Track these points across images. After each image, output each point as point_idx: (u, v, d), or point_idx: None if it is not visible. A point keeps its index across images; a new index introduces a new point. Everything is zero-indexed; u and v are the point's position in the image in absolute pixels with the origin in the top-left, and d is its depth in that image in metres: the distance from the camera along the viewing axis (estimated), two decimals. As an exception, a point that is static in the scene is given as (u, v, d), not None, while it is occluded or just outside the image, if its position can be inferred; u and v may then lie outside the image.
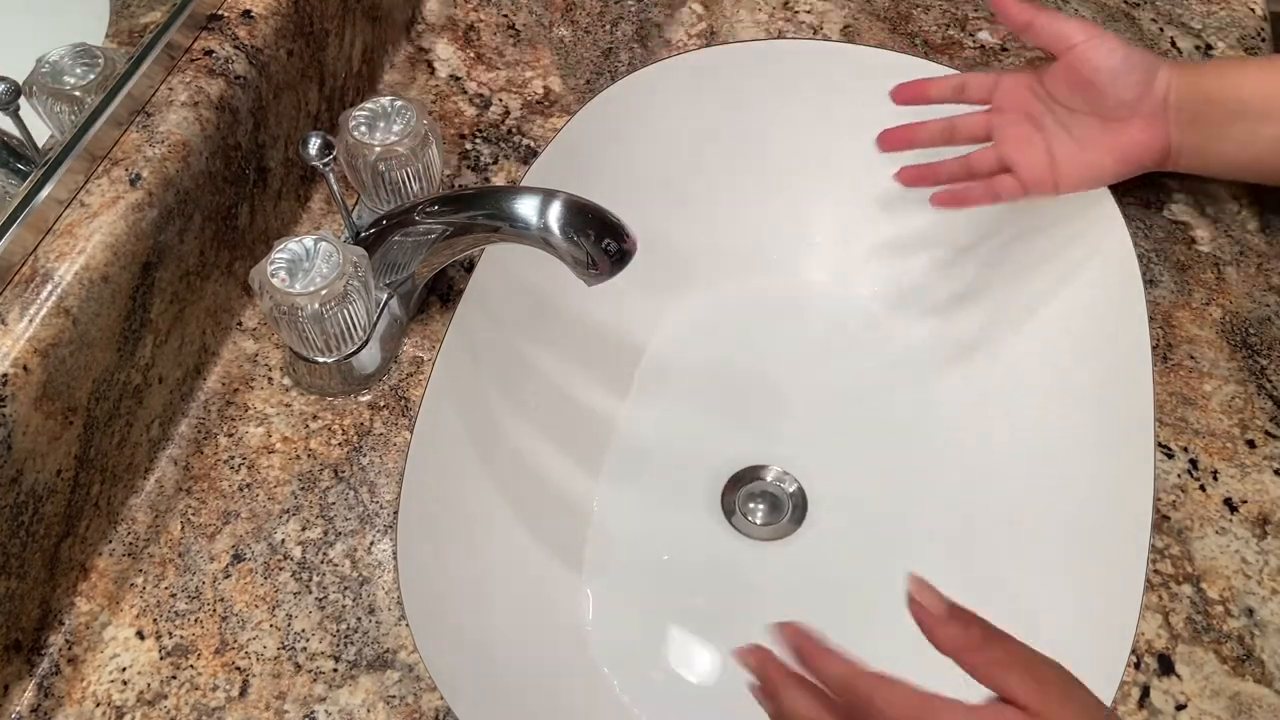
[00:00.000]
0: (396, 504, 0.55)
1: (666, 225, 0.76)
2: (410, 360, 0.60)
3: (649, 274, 0.65)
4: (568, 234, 0.51)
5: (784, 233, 0.81)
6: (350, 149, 0.59)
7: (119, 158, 0.52)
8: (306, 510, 0.54)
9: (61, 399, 0.47)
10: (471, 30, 0.77)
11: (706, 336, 0.79)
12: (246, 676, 0.49)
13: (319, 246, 0.54)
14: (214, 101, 0.55)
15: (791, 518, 0.71)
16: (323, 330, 0.54)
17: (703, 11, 0.79)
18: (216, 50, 0.57)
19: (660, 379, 0.77)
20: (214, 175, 0.55)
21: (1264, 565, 0.53)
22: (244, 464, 0.56)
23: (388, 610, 0.52)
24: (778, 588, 0.68)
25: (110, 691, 0.49)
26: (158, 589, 0.52)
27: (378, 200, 0.61)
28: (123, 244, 0.50)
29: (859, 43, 0.77)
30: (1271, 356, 0.60)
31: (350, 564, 0.53)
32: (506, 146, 0.71)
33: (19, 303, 0.46)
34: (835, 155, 0.79)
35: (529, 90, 0.74)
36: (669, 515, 0.71)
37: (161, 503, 0.54)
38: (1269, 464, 0.56)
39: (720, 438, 0.74)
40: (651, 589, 0.68)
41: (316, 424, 0.57)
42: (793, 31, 0.77)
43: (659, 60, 0.76)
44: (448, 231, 0.55)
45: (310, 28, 0.63)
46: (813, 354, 0.78)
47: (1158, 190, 0.68)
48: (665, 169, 0.78)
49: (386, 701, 0.49)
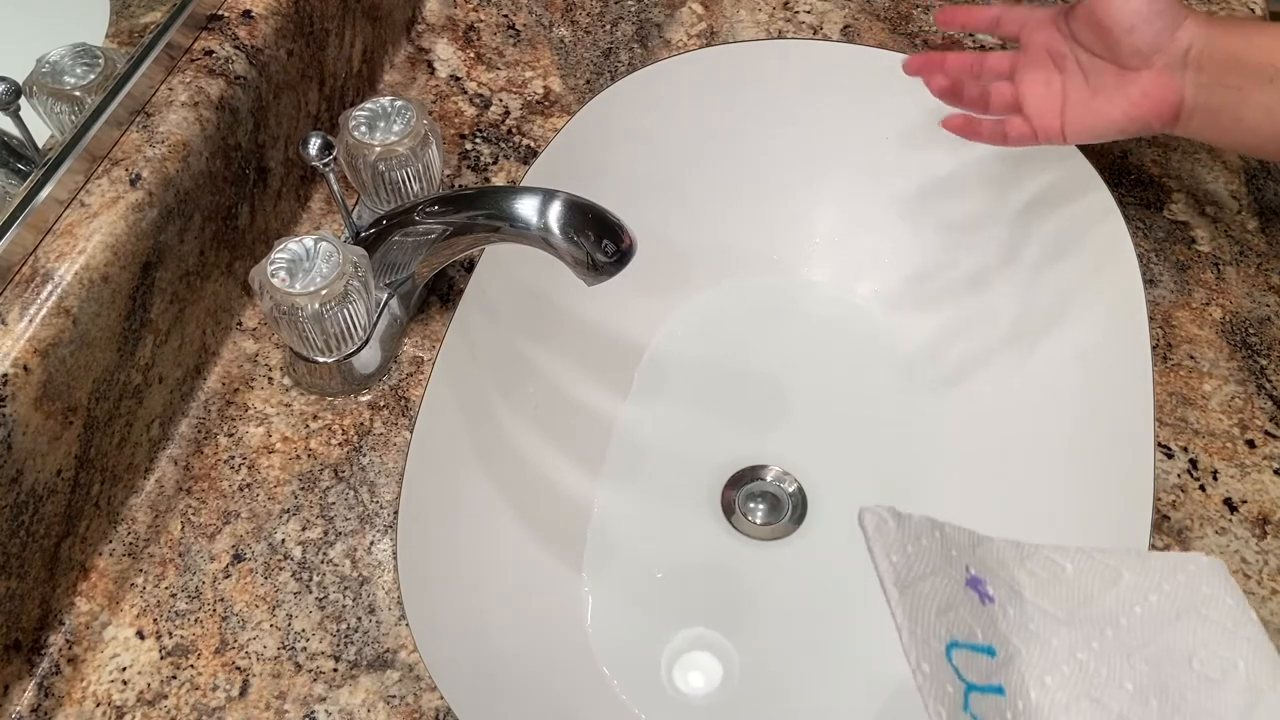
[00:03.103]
0: (396, 504, 0.55)
1: (666, 225, 0.76)
2: (410, 360, 0.60)
3: (649, 274, 0.65)
4: (568, 234, 0.51)
5: (784, 233, 0.81)
6: (350, 149, 0.59)
7: (119, 158, 0.52)
8: (306, 510, 0.54)
9: (61, 399, 0.47)
10: (471, 30, 0.77)
11: (706, 336, 0.79)
12: (246, 676, 0.49)
13: (319, 246, 0.54)
14: (214, 101, 0.55)
15: (791, 518, 0.71)
16: (323, 330, 0.54)
17: (703, 11, 0.79)
18: (216, 50, 0.57)
19: (660, 379, 0.77)
20: (214, 175, 0.55)
21: (1264, 565, 0.53)
22: (244, 464, 0.56)
23: (388, 610, 0.52)
24: (778, 588, 0.68)
25: (110, 691, 0.49)
26: (158, 589, 0.52)
27: (378, 200, 0.61)
28: (123, 244, 0.50)
29: (859, 43, 0.77)
30: (1271, 356, 0.60)
31: (350, 564, 0.53)
32: (506, 146, 0.71)
33: (19, 303, 0.46)
34: (835, 155, 0.79)
35: (529, 90, 0.74)
36: (669, 515, 0.71)
37: (161, 503, 0.54)
38: (1269, 464, 0.56)
39: (720, 438, 0.74)
40: (651, 589, 0.68)
41: (316, 424, 0.57)
42: (793, 31, 0.77)
43: (659, 60, 0.76)
44: (448, 231, 0.55)
45: (310, 28, 0.63)
46: (813, 354, 0.78)
47: (1158, 190, 0.68)
48: (665, 169, 0.78)
49: (386, 701, 0.49)
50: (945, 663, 0.42)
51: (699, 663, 0.65)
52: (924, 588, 0.44)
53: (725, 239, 0.80)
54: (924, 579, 0.44)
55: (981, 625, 0.44)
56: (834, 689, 0.64)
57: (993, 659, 0.44)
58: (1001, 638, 0.45)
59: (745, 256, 0.81)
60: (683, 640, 0.66)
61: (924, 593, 0.44)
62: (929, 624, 0.43)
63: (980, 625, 0.44)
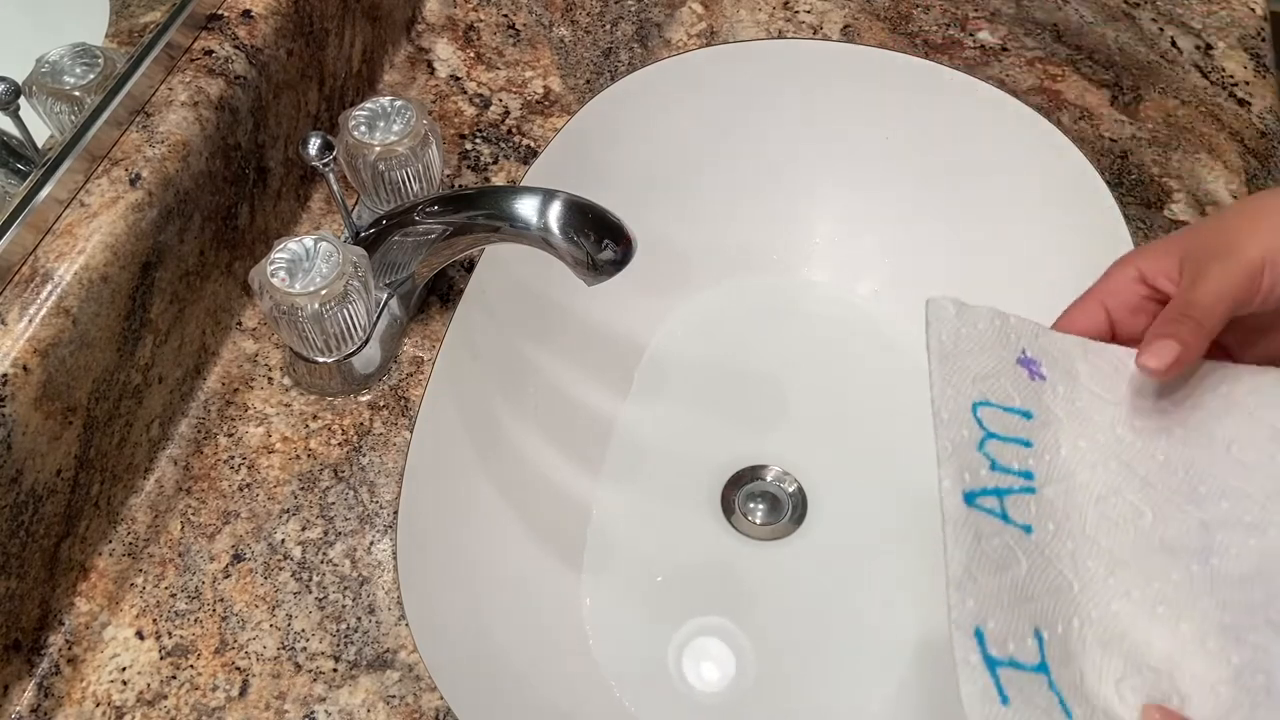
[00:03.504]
0: (396, 504, 0.55)
1: (666, 225, 0.76)
2: (410, 360, 0.60)
3: (649, 274, 0.65)
4: (568, 234, 0.51)
5: (784, 233, 0.81)
6: (350, 149, 0.59)
7: (119, 158, 0.52)
8: (306, 510, 0.54)
9: (61, 399, 0.47)
10: (471, 30, 0.77)
11: (706, 336, 0.79)
12: (246, 676, 0.49)
13: (319, 246, 0.54)
14: (214, 101, 0.55)
15: (791, 518, 0.71)
16: (323, 330, 0.54)
17: (703, 11, 0.79)
18: (216, 50, 0.57)
19: (660, 379, 0.77)
20: (214, 175, 0.55)
21: (1264, 565, 0.53)
22: (244, 464, 0.56)
23: (388, 610, 0.52)
24: (778, 588, 0.68)
25: (110, 691, 0.49)
26: (158, 589, 0.52)
27: (378, 200, 0.61)
28: (122, 244, 0.50)
29: (859, 43, 0.77)
30: (1271, 356, 0.60)
31: (350, 564, 0.53)
32: (506, 146, 0.71)
33: (19, 303, 0.46)
34: (835, 155, 0.79)
35: (529, 90, 0.74)
36: (669, 515, 0.71)
37: (161, 503, 0.54)
38: (1269, 464, 0.56)
39: (720, 437, 0.74)
40: (651, 589, 0.68)
41: (316, 424, 0.57)
42: (793, 31, 0.77)
43: (659, 60, 0.76)
44: (448, 231, 0.55)
45: (310, 28, 0.63)
46: (813, 354, 0.78)
47: (1158, 190, 0.68)
48: (665, 169, 0.78)
49: (386, 701, 0.49)
50: (969, 414, 0.43)
51: (699, 663, 0.65)
52: (968, 360, 0.44)
53: (725, 239, 0.80)
54: (970, 354, 0.44)
55: (1021, 393, 0.44)
56: (834, 689, 0.64)
57: (1027, 420, 0.44)
58: (1043, 406, 0.44)
59: (745, 256, 0.81)
60: (682, 640, 0.66)
61: (966, 363, 0.44)
62: (963, 386, 0.43)
63: (1020, 393, 0.44)
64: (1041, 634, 0.38)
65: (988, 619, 0.38)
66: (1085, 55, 0.76)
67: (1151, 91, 0.73)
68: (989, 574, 0.39)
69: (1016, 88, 0.74)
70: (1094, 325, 0.47)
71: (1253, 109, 0.72)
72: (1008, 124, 0.73)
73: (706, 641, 0.66)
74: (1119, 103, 0.73)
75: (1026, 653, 0.38)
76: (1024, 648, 0.38)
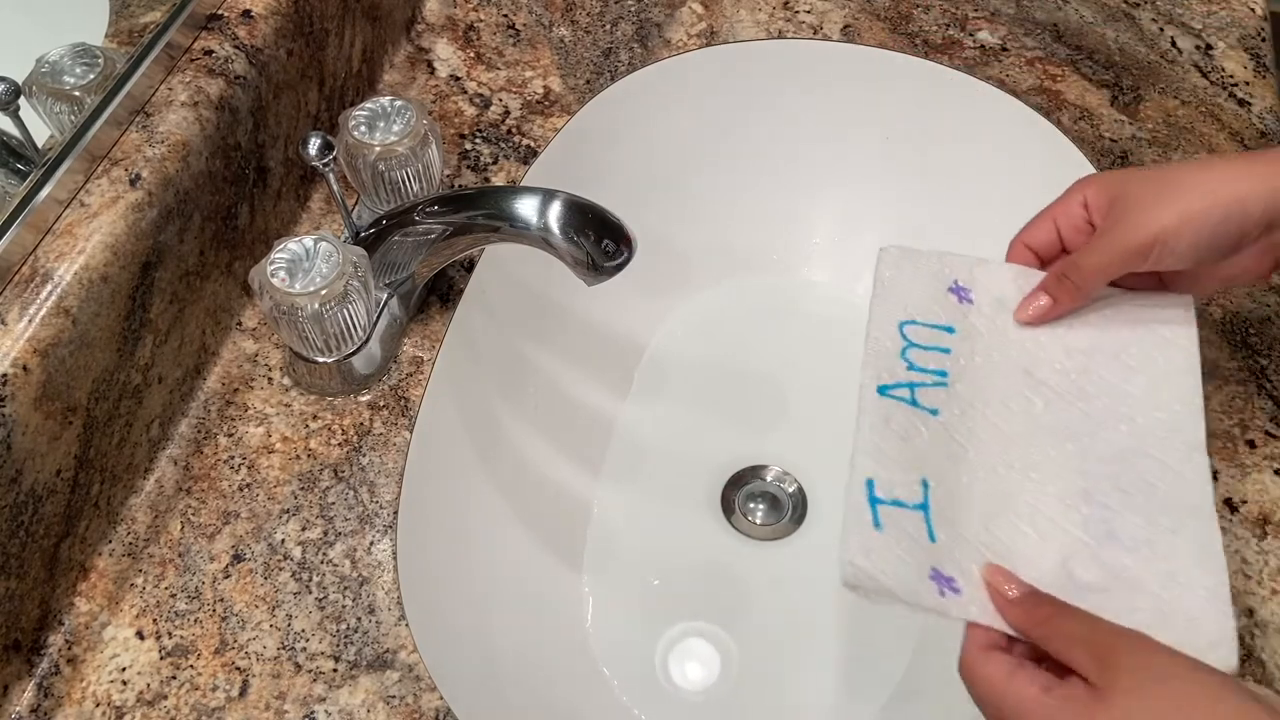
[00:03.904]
0: (396, 504, 0.55)
1: (666, 225, 0.76)
2: (410, 360, 0.60)
3: (649, 274, 0.65)
4: (568, 234, 0.51)
5: (784, 233, 0.81)
6: (350, 149, 0.59)
7: (119, 158, 0.52)
8: (306, 510, 0.54)
9: (61, 399, 0.47)
10: (471, 30, 0.77)
11: (706, 336, 0.79)
12: (246, 676, 0.49)
13: (319, 246, 0.54)
14: (214, 101, 0.55)
15: (791, 518, 0.71)
16: (323, 330, 0.54)
17: (703, 11, 0.79)
18: (216, 50, 0.57)
19: (660, 379, 0.77)
20: (214, 175, 0.55)
21: (1264, 565, 0.53)
22: (244, 464, 0.56)
23: (388, 610, 0.52)
24: (778, 588, 0.68)
25: (110, 691, 0.49)
26: (158, 589, 0.52)
27: (378, 200, 0.61)
28: (122, 244, 0.50)
29: (859, 43, 0.77)
30: (1271, 356, 0.60)
31: (350, 564, 0.53)
32: (506, 146, 0.71)
33: (19, 303, 0.46)
34: (835, 155, 0.79)
35: (529, 90, 0.74)
36: (669, 515, 0.71)
37: (161, 503, 0.54)
38: (1269, 464, 0.56)
39: (720, 437, 0.74)
40: (651, 589, 0.68)
41: (316, 424, 0.57)
42: (793, 31, 0.77)
43: (659, 60, 0.76)
44: (448, 231, 0.55)
45: (310, 28, 0.63)
46: (813, 354, 0.78)
47: (1158, 190, 0.68)
48: (665, 169, 0.78)
49: (386, 701, 0.49)
50: (895, 330, 0.50)
51: (699, 662, 0.65)
52: (903, 290, 0.52)
53: (725, 239, 0.80)
54: (905, 286, 0.52)
55: (949, 313, 0.51)
56: (834, 688, 0.64)
57: (950, 334, 0.51)
58: (967, 324, 0.51)
59: (745, 256, 0.81)
60: (682, 640, 0.66)
61: (900, 293, 0.52)
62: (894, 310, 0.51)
63: (947, 313, 0.51)
64: (929, 482, 0.45)
65: (879, 471, 0.45)
66: (1085, 55, 0.76)
67: (1151, 91, 0.73)
68: (892, 443, 0.46)
69: (1016, 88, 0.74)
70: (1045, 239, 0.53)
71: (1253, 109, 0.72)
72: (1008, 124, 0.73)
73: (706, 641, 0.66)
74: (1119, 103, 0.73)
75: (911, 495, 0.45)
76: (910, 491, 0.45)
